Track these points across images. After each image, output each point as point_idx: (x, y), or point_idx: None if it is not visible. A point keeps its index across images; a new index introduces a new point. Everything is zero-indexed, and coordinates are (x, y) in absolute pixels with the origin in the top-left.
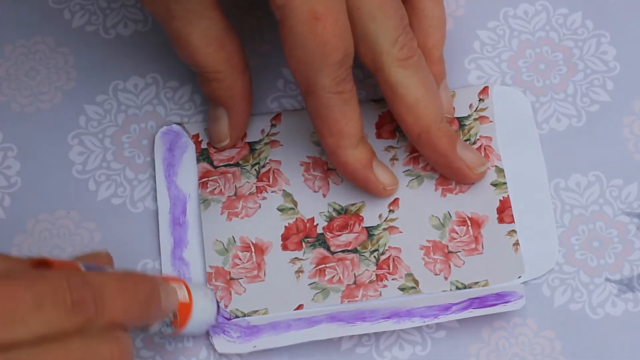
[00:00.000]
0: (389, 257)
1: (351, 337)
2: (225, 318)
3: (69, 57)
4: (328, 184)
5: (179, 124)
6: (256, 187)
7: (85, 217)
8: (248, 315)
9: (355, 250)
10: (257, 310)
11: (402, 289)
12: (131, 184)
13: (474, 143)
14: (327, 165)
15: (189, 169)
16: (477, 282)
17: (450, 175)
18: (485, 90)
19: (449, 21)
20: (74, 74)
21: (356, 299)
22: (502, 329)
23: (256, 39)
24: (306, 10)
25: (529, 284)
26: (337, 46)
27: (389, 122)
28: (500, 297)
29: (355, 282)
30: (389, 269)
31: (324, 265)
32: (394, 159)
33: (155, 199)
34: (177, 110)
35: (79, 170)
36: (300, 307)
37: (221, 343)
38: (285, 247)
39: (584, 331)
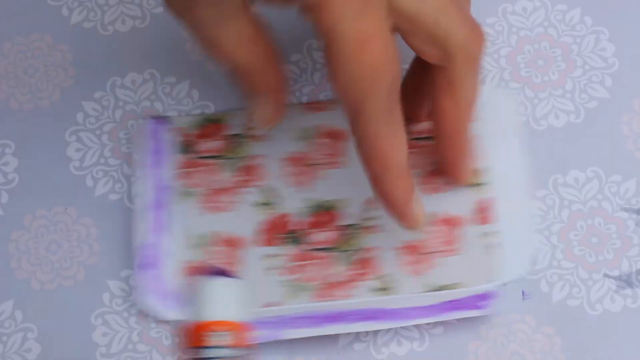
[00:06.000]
0: (363, 257)
1: (348, 332)
2: None
3: (67, 54)
4: (306, 180)
5: (160, 116)
6: (234, 181)
7: (83, 213)
8: None
9: (329, 249)
10: None
11: (375, 290)
12: (129, 179)
13: None
14: (306, 161)
15: (170, 161)
16: (452, 284)
17: (447, 165)
18: None
19: None
20: (72, 71)
21: (329, 298)
22: (500, 326)
23: None
24: (353, 36)
25: (527, 279)
26: (386, 71)
27: None
28: (476, 300)
29: (328, 282)
30: (363, 270)
31: (297, 263)
32: None
33: None
34: (175, 106)
35: (77, 167)
36: (272, 304)
37: None
38: (261, 243)
39: (582, 327)
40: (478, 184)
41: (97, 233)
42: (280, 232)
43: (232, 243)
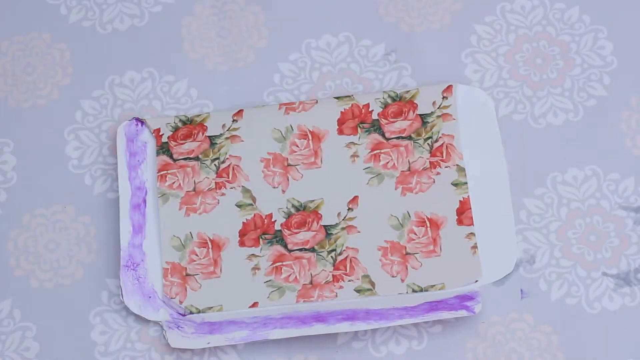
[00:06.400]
0: (346, 257)
1: (340, 332)
2: (180, 314)
3: (65, 52)
4: (287, 179)
5: (137, 118)
6: (215, 182)
7: (82, 212)
8: (203, 312)
9: (312, 250)
10: (212, 307)
11: (358, 290)
12: None
13: (437, 141)
14: (287, 161)
15: (149, 163)
16: (434, 285)
17: None
18: (449, 88)
19: (446, 15)
20: (70, 70)
21: (312, 299)
22: (498, 324)
23: (253, 35)
24: None
25: (526, 278)
26: None
27: (351, 119)
28: (462, 301)
29: (311, 282)
30: (346, 270)
31: (280, 264)
32: (354, 155)
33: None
34: (173, 105)
35: (75, 165)
36: (255, 304)
37: (175, 338)
38: (242, 244)
39: (580, 326)
40: (459, 183)
41: (96, 231)
42: (263, 232)
43: (215, 244)
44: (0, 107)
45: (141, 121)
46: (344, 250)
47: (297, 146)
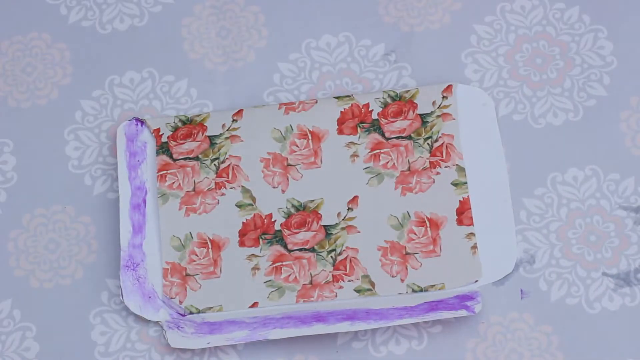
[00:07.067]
0: (346, 257)
1: (341, 332)
2: (180, 314)
3: (65, 52)
4: (287, 179)
5: (140, 119)
6: (215, 182)
7: (81, 212)
8: (202, 312)
9: (312, 250)
10: (212, 307)
11: (358, 290)
12: None
13: (436, 140)
14: (286, 161)
15: (149, 163)
16: (434, 285)
17: None
18: (449, 88)
19: (446, 15)
20: (70, 70)
21: (312, 299)
22: (498, 324)
23: (253, 35)
24: None
25: (526, 278)
26: None
27: (351, 118)
28: (462, 300)
29: (311, 282)
30: (346, 270)
31: (280, 263)
32: (354, 155)
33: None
34: (173, 105)
35: (75, 165)
36: (255, 304)
37: (175, 338)
38: (242, 244)
39: (580, 326)
40: (459, 183)
41: (96, 231)
42: (263, 232)
43: (215, 244)
44: (0, 107)
45: (141, 121)
46: (344, 250)
47: (297, 146)
